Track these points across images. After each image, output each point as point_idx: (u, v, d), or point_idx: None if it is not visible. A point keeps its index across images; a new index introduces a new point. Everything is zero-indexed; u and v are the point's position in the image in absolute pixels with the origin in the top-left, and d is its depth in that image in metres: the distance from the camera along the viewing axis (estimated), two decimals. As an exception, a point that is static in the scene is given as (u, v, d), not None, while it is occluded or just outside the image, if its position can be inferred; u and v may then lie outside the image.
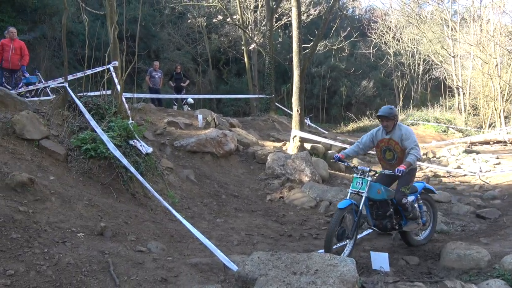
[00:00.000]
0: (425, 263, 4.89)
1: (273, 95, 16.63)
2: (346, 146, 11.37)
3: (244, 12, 20.00)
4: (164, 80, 14.83)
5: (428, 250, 5.25)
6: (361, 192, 4.70)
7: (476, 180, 10.01)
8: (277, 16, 19.63)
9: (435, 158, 13.53)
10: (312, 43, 12.88)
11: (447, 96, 27.04)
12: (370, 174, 4.75)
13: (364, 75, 28.49)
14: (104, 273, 3.66)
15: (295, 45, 10.94)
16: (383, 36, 27.37)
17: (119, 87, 7.38)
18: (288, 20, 19.15)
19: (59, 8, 18.06)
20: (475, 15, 24.40)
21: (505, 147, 15.49)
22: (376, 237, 5.83)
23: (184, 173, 7.64)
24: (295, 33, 10.95)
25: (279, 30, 23.63)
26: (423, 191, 5.38)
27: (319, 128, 17.57)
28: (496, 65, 20.46)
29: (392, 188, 5.03)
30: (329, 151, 10.94)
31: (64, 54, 7.71)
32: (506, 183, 9.25)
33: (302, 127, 10.91)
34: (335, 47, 19.70)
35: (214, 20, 20.00)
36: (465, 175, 10.64)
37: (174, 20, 25.97)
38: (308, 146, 10.52)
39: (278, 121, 15.22)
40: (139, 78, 19.00)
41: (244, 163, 9.42)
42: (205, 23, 23.39)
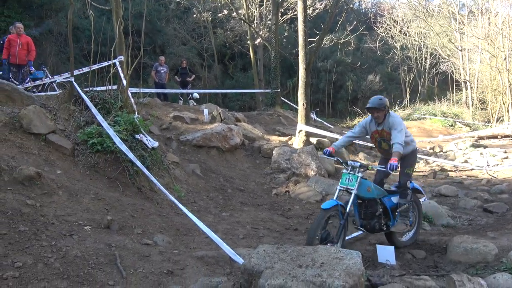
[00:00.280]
0: (431, 257, 4.88)
1: (279, 90, 16.59)
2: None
3: (250, 7, 19.90)
4: (169, 75, 14.83)
5: (435, 244, 5.23)
6: (350, 189, 4.42)
7: (483, 174, 9.93)
8: (282, 10, 19.53)
9: (442, 152, 13.44)
10: (318, 37, 12.82)
11: (454, 90, 26.79)
12: (361, 170, 4.47)
13: (370, 70, 28.30)
14: (111, 265, 3.70)
15: (301, 39, 10.89)
16: (390, 30, 27.13)
17: (125, 82, 7.39)
18: (293, 14, 19.04)
19: (65, 4, 18.12)
20: (483, 8, 24.09)
21: (513, 141, 15.34)
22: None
23: (190, 167, 7.66)
24: (300, 27, 10.89)
25: (285, 25, 23.52)
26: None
27: (325, 122, 17.52)
28: (505, 58, 20.21)
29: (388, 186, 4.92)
30: (335, 146, 10.90)
31: (70, 49, 7.74)
32: (514, 177, 9.18)
33: (308, 121, 10.88)
34: (341, 41, 19.56)
35: (220, 14, 19.95)
36: (472, 169, 10.56)
37: (180, 15, 25.94)
38: (314, 140, 10.49)
39: (284, 115, 15.19)
40: (145, 73, 19.02)
41: (250, 158, 9.42)
42: (210, 18, 23.33)
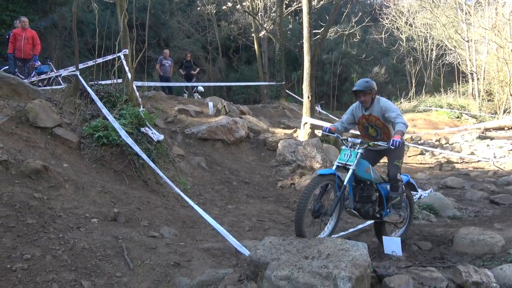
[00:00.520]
0: (437, 249, 4.86)
1: (283, 82, 16.53)
2: (357, 132, 11.31)
3: (254, -1, 19.80)
4: (174, 68, 14.82)
5: (441, 236, 5.22)
6: (348, 164, 4.13)
7: (490, 166, 9.88)
8: (287, 2, 19.41)
9: (448, 144, 13.37)
10: (322, 29, 12.74)
11: (460, 82, 26.57)
12: (362, 146, 4.21)
13: (375, 61, 28.12)
14: (118, 257, 3.72)
15: (305, 31, 10.82)
16: (395, 21, 26.90)
17: (129, 75, 7.39)
18: (298, 6, 18.89)
19: (69, -3, 18.13)
20: (490, -2, 23.78)
21: (520, 132, 15.23)
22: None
23: (195, 160, 7.68)
24: (305, 18, 10.81)
25: (289, 17, 23.36)
26: (406, 184, 4.92)
27: (330, 115, 17.45)
28: (512, 49, 19.99)
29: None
30: (340, 138, 10.87)
31: (75, 42, 7.75)
32: (521, 169, 9.12)
33: (313, 114, 10.85)
34: (346, 33, 19.44)
35: (224, 7, 19.85)
36: (479, 161, 10.51)
37: (184, 8, 25.86)
38: (319, 133, 10.46)
39: (289, 108, 15.16)
40: (149, 66, 19.02)
41: (255, 150, 9.42)
42: (214, 11, 23.24)
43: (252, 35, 20.42)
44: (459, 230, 4.88)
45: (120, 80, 7.71)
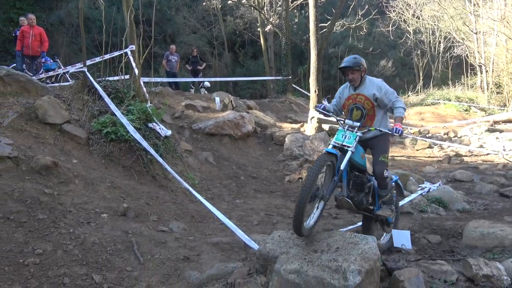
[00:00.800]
0: (447, 242, 4.84)
1: (290, 77, 16.47)
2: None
3: (259, -7, 19.70)
4: (180, 64, 14.82)
5: (450, 229, 5.19)
6: (346, 146, 3.72)
7: (499, 159, 9.78)
8: (292, -4, 19.29)
9: (456, 138, 13.25)
10: (329, 23, 12.66)
11: (469, 74, 26.25)
12: (362, 130, 3.88)
13: (382, 55, 27.88)
14: (128, 252, 3.76)
15: (312, 24, 10.75)
16: (403, 14, 26.60)
17: (137, 71, 7.42)
18: (304, 0, 18.78)
19: (76, -6, 18.18)
20: (499, -12, 23.43)
21: (530, 125, 15.04)
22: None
23: (203, 155, 7.70)
24: (311, 12, 10.75)
25: (295, 11, 23.22)
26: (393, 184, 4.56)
27: (337, 109, 17.34)
28: (521, 40, 19.70)
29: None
30: (347, 132, 10.82)
31: (82, 39, 7.79)
32: (531, 162, 9.02)
33: (320, 108, 10.79)
34: (352, 26, 19.25)
35: (229, 1, 19.81)
36: (488, 154, 10.41)
37: (189, 3, 25.80)
38: (326, 127, 10.42)
39: (296, 102, 15.11)
40: (156, 62, 19.05)
41: (262, 145, 9.42)
42: (220, 5, 23.17)
43: (258, 29, 20.34)
44: (468, 223, 4.84)
45: (127, 76, 7.74)
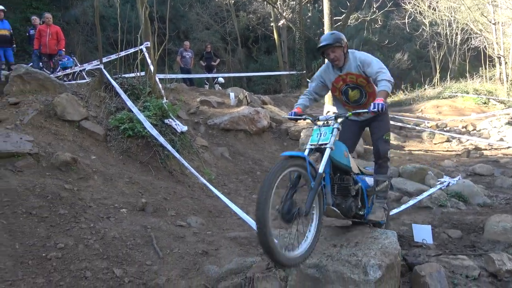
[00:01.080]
0: (467, 237, 4.75)
1: (304, 71, 16.38)
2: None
3: (273, -13, 19.58)
4: (194, 60, 14.86)
5: (471, 224, 5.09)
6: (322, 144, 3.13)
7: (520, 152, 9.57)
8: (306, -10, 19.14)
9: (475, 131, 13.00)
10: (344, 16, 12.53)
11: (487, 66, 25.70)
12: (338, 121, 3.26)
13: (398, 48, 27.48)
14: (147, 246, 3.79)
15: (326, 18, 10.66)
16: (418, 6, 26.12)
17: (152, 68, 7.46)
18: (317, -7, 18.63)
19: (90, -7, 18.37)
20: (518, -23, 22.81)
21: (551, 117, 14.65)
22: (415, 210, 5.71)
23: (219, 150, 7.71)
24: (326, 5, 10.65)
25: (309, 4, 23.03)
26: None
27: (352, 103, 17.18)
28: (542, 30, 19.17)
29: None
30: (363, 126, 10.69)
31: (98, 36, 7.86)
32: (554, 155, 8.80)
33: (336, 102, 10.70)
34: (367, 19, 19.00)
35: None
36: (508, 147, 10.18)
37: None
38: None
39: (310, 97, 14.99)
40: (170, 59, 19.15)
41: (277, 140, 9.38)
42: (233, 1, 23.14)
43: (271, 24, 20.25)
44: (490, 217, 4.74)
45: (143, 73, 7.79)
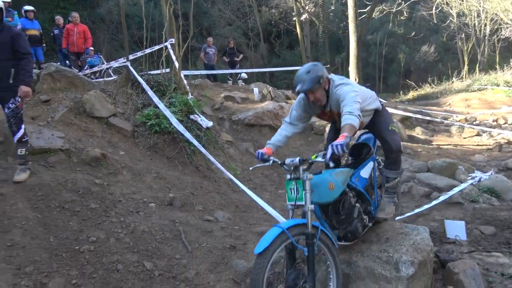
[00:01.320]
0: (501, 233, 4.60)
1: (328, 66, 16.20)
2: (408, 114, 10.89)
3: (295, -19, 19.42)
4: (217, 56, 14.90)
5: (505, 220, 4.92)
6: (299, 204, 2.76)
7: (556, 146, 9.18)
8: (329, -17, 18.91)
9: (507, 124, 12.57)
10: (368, 8, 12.31)
11: (519, 58, 24.79)
12: (304, 168, 2.79)
13: (424, 40, 26.81)
14: (176, 240, 3.83)
15: (350, 10, 10.49)
16: (445, -4, 25.40)
17: (177, 64, 7.52)
18: (341, -14, 18.37)
19: (116, -8, 18.69)
20: (553, -37, 21.83)
21: None
22: (446, 206, 5.56)
23: (243, 146, 7.73)
24: (350, -2, 10.49)
25: (332, -2, 22.77)
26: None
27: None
28: None
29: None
30: (389, 121, 10.48)
31: (124, 34, 7.99)
32: None
33: (360, 96, 10.55)
34: (393, 11, 18.61)
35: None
36: (543, 141, 9.80)
37: (224, -5, 25.90)
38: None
39: (334, 92, 14.82)
40: (193, 56, 19.30)
41: (302, 135, 9.31)
42: (255, -4, 23.10)
43: (294, 18, 20.09)
44: (526, 213, 4.59)
45: (168, 70, 7.87)
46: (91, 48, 10.32)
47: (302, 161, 2.79)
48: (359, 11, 11.33)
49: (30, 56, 4.16)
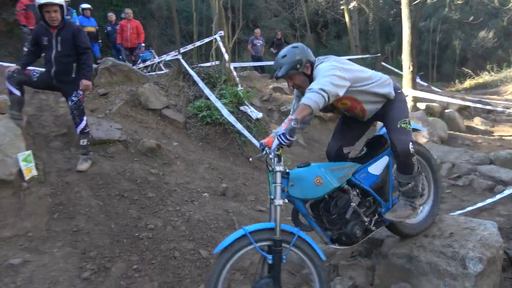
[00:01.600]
0: None
1: (379, 54, 15.65)
2: (467, 104, 10.30)
3: (343, -32, 18.85)
4: (265, 48, 14.86)
5: None
6: (270, 199, 2.48)
7: None
8: (379, -32, 18.19)
9: None
10: (423, -8, 11.68)
11: None
12: (276, 158, 2.39)
13: (482, 25, 25.11)
14: (230, 230, 3.86)
15: (403, -4, 9.99)
16: (507, -23, 23.67)
17: (227, 56, 7.57)
18: (392, -29, 17.61)
19: (165, -12, 19.15)
20: None
21: None
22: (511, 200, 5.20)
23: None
24: (403, -18, 9.98)
25: (382, -16, 21.93)
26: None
27: (431, 86, 16.14)
28: None
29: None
30: (446, 110, 9.97)
31: (175, 29, 8.16)
32: None
33: (415, 85, 10.09)
34: (448, -5, 17.61)
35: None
36: None
37: (272, -14, 25.72)
38: (422, 105, 9.73)
39: (385, 81, 14.31)
40: (240, 48, 19.39)
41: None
42: (301, -14, 22.73)
43: (342, 7, 19.53)
44: None
45: (217, 62, 7.94)
46: (142, 44, 10.63)
47: (271, 150, 2.38)
48: (412, -4, 10.77)
49: (90, 51, 4.34)
